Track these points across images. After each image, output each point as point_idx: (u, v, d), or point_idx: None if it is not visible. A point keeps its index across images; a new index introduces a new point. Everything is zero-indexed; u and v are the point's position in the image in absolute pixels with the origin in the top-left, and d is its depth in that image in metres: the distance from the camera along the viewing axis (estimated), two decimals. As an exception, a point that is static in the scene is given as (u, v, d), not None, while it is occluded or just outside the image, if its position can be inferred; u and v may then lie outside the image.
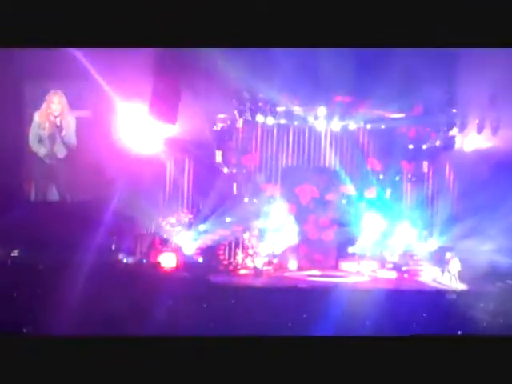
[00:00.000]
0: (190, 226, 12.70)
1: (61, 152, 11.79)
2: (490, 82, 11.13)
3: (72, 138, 11.76)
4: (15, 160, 11.18)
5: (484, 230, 11.75)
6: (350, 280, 11.90)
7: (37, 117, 11.72)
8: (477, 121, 13.02)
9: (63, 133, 11.75)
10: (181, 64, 10.99)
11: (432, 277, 12.21)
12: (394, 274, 12.49)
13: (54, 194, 11.90)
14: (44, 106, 11.70)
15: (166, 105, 11.52)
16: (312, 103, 13.06)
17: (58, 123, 11.72)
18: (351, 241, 13.30)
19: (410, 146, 13.85)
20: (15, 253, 10.20)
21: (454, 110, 13.01)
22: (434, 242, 13.09)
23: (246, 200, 13.56)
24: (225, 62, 10.83)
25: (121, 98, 11.59)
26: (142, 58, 10.47)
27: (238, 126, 13.44)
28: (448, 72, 11.51)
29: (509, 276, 10.81)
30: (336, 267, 13.08)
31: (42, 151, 11.74)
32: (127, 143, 12.13)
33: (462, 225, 12.29)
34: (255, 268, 12.26)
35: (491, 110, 12.65)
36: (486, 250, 11.52)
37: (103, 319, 8.29)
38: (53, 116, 11.71)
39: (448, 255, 11.86)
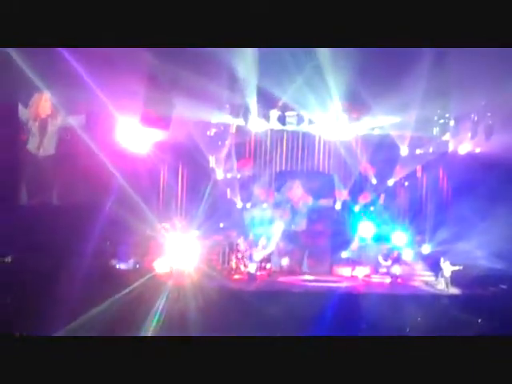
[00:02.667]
0: (184, 231, 12.70)
1: (51, 147, 11.78)
2: (484, 88, 11.14)
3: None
4: (7, 164, 11.10)
5: (477, 235, 11.76)
6: (344, 285, 11.89)
7: (28, 113, 11.69)
8: (470, 126, 13.03)
9: (53, 128, 11.77)
10: (173, 70, 10.98)
11: (425, 281, 12.22)
12: (387, 279, 12.50)
13: (48, 199, 11.85)
14: (34, 104, 11.69)
15: (158, 112, 11.53)
16: (306, 108, 13.05)
17: (49, 120, 11.74)
18: (345, 246, 13.31)
19: (404, 152, 13.85)
20: (8, 259, 10.17)
21: (448, 115, 13.05)
22: (428, 247, 13.11)
23: (239, 205, 13.58)
24: (218, 68, 10.85)
25: (114, 106, 11.55)
26: (134, 64, 10.45)
27: (231, 131, 13.46)
28: (442, 77, 11.50)
29: (501, 280, 10.84)
30: (330, 272, 13.07)
31: (32, 144, 11.73)
32: (121, 149, 12.10)
33: (455, 230, 12.29)
34: (249, 273, 12.26)
35: (484, 115, 12.68)
36: (479, 255, 11.56)
37: (95, 322, 8.32)
38: (44, 113, 11.72)
39: (441, 260, 11.87)
